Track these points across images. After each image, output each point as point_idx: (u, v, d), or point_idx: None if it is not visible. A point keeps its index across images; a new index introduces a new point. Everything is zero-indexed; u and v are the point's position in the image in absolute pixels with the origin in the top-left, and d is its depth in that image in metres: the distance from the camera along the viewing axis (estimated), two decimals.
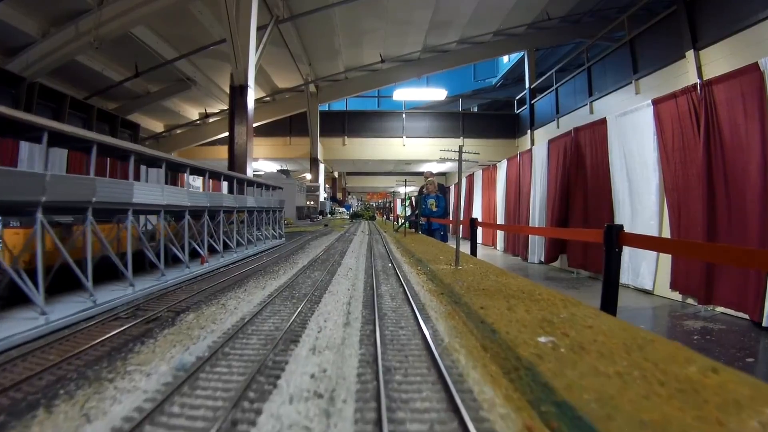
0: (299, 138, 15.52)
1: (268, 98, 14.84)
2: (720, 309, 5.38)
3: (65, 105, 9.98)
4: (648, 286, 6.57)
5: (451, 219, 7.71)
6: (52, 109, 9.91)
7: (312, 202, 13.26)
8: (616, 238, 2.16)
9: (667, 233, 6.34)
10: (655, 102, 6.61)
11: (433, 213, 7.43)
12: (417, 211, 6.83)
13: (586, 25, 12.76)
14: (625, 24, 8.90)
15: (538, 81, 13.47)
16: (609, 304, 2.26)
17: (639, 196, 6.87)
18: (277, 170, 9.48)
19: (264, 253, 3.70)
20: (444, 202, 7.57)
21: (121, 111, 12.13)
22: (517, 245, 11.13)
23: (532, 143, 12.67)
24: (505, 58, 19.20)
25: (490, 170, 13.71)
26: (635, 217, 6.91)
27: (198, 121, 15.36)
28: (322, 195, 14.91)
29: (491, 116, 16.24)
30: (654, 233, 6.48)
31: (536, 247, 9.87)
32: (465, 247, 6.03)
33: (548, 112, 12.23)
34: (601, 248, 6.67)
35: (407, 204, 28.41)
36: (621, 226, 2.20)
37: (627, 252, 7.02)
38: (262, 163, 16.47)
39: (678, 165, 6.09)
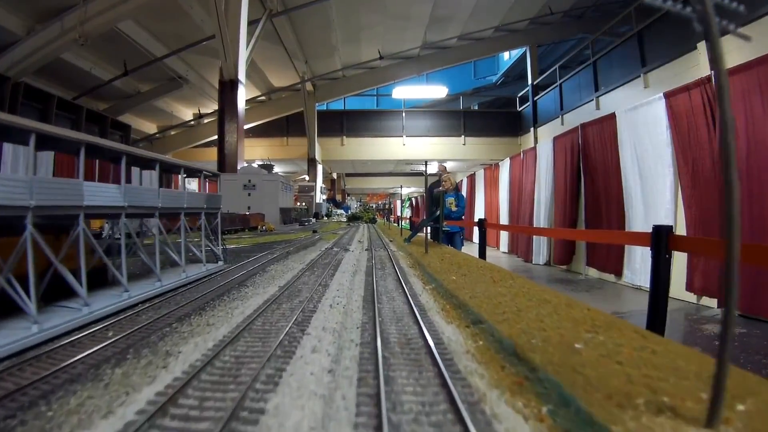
0: (296, 138, 15.19)
1: (263, 97, 14.52)
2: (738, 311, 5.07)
3: (52, 105, 9.62)
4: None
5: (465, 221, 6.77)
6: (39, 110, 9.54)
7: (303, 204, 12.63)
8: (665, 242, 1.81)
9: (682, 231, 6.03)
10: (668, 95, 6.29)
11: (452, 214, 6.32)
12: (438, 212, 4.82)
13: (589, 20, 12.49)
14: (633, 16, 8.62)
15: (540, 78, 13.18)
16: (657, 321, 1.90)
17: (652, 193, 6.55)
18: (257, 164, 7.77)
19: (140, 309, 1.73)
20: (464, 201, 6.55)
21: (111, 111, 11.78)
22: (521, 246, 10.79)
23: (536, 141, 12.37)
24: (506, 56, 18.93)
25: (492, 169, 13.38)
26: (648, 216, 6.58)
27: (192, 122, 15.02)
28: (319, 196, 14.50)
29: (493, 114, 15.94)
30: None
31: (541, 248, 9.53)
32: (471, 249, 5.66)
33: (552, 108, 11.92)
34: (621, 249, 6.30)
35: (407, 205, 27.98)
36: (670, 227, 1.85)
37: (639, 251, 6.69)
38: (259, 164, 16.14)
39: (693, 160, 5.78)
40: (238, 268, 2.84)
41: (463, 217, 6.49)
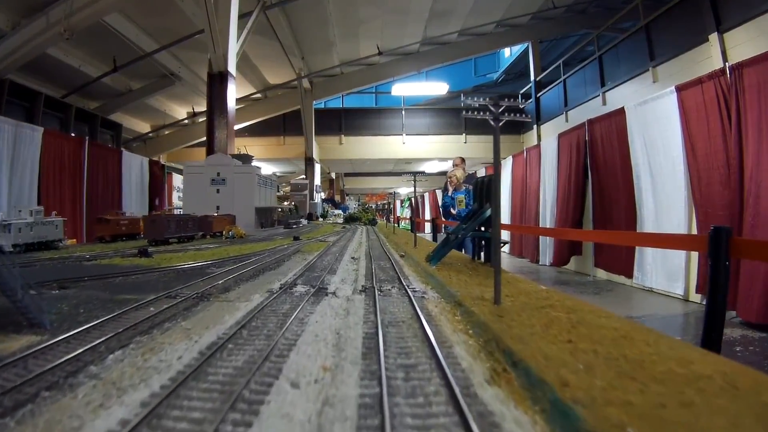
0: (294, 137, 14.89)
1: (258, 95, 14.19)
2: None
3: (39, 103, 9.32)
4: (679, 291, 5.96)
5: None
6: (25, 108, 9.23)
7: (292, 203, 11.96)
8: (726, 247, 1.49)
9: (693, 232, 5.78)
10: (679, 88, 6.03)
11: (461, 212, 5.50)
12: (482, 212, 2.59)
13: (592, 15, 12.24)
14: (640, 9, 8.37)
15: (543, 74, 12.90)
16: (714, 337, 1.59)
17: (664, 191, 6.27)
18: (232, 154, 6.19)
19: None
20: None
21: (102, 110, 11.45)
22: (524, 247, 10.53)
23: (539, 139, 12.09)
24: (507, 52, 18.65)
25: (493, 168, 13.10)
26: (660, 215, 6.32)
27: (186, 121, 14.68)
28: (315, 195, 14.11)
29: None
30: (684, 231, 5.89)
31: (547, 249, 9.27)
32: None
33: (555, 105, 11.65)
34: (631, 249, 6.02)
35: (407, 205, 27.65)
36: (730, 230, 1.54)
37: (650, 252, 6.42)
38: (255, 164, 15.81)
39: (706, 156, 5.53)
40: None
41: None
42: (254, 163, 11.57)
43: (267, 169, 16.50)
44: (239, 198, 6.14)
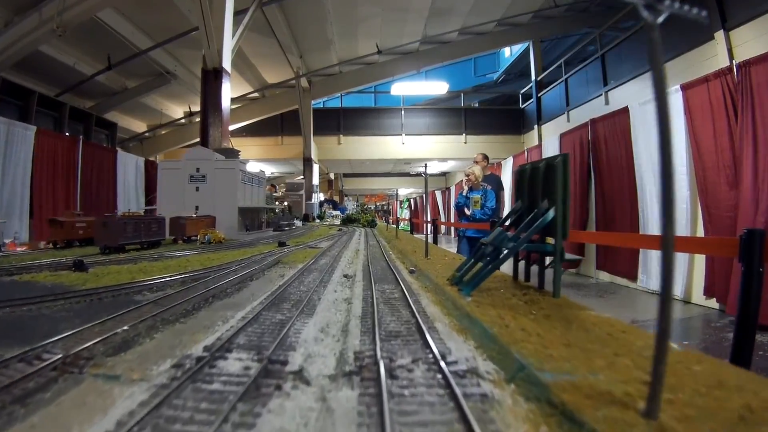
0: (291, 137, 14.72)
1: (256, 94, 14.03)
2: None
3: (33, 102, 9.18)
4: (678, 294, 5.85)
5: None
6: (19, 107, 9.09)
7: (284, 203, 11.65)
8: (760, 251, 1.35)
9: (700, 234, 5.66)
10: (685, 87, 5.92)
11: (476, 213, 5.03)
12: (551, 214, 1.63)
13: (593, 14, 12.13)
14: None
15: (544, 74, 12.78)
16: (744, 351, 1.45)
17: None
18: (215, 149, 5.84)
19: None
20: (495, 198, 5.02)
21: (97, 109, 11.30)
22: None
23: (540, 139, 11.98)
24: (507, 52, 18.54)
25: (494, 168, 12.98)
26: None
27: (183, 120, 14.52)
28: (313, 196, 13.95)
29: (495, 111, 15.52)
30: (687, 233, 5.77)
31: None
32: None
33: (557, 105, 11.53)
34: (636, 251, 5.87)
35: (406, 206, 27.51)
36: (763, 232, 1.39)
37: (655, 254, 6.28)
38: (253, 164, 15.63)
39: (711, 157, 5.42)
40: None
41: (493, 217, 4.96)
42: (251, 164, 10.71)
43: (266, 170, 16.37)
44: (221, 197, 5.33)
